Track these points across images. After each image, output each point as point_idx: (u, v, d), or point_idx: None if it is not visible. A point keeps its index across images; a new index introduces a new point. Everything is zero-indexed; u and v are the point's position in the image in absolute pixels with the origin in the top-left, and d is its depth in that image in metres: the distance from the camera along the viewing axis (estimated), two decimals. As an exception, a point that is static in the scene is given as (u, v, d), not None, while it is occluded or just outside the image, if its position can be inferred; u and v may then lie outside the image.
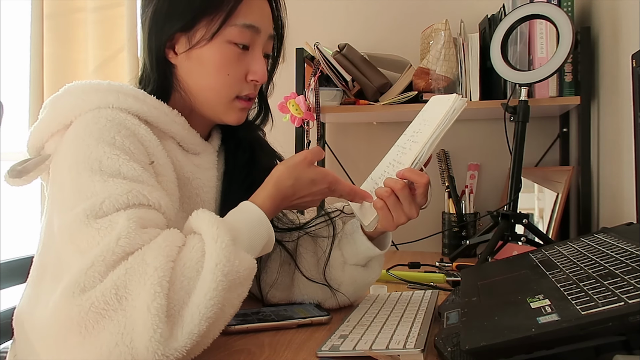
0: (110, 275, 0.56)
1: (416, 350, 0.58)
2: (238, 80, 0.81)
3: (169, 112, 0.79)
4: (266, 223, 0.71)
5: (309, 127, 1.55)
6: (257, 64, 0.81)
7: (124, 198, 0.62)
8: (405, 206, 0.77)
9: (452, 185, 1.57)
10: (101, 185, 0.63)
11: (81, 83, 0.76)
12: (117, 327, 0.54)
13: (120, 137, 0.69)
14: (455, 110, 0.78)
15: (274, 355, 0.64)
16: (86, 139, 0.68)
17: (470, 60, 1.43)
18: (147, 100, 0.76)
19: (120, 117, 0.71)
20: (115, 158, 0.66)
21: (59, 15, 2.03)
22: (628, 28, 1.16)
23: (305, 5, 1.81)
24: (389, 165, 0.85)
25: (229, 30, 0.77)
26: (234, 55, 0.79)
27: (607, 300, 0.47)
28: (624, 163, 1.19)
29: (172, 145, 0.80)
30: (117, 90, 0.74)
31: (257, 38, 0.81)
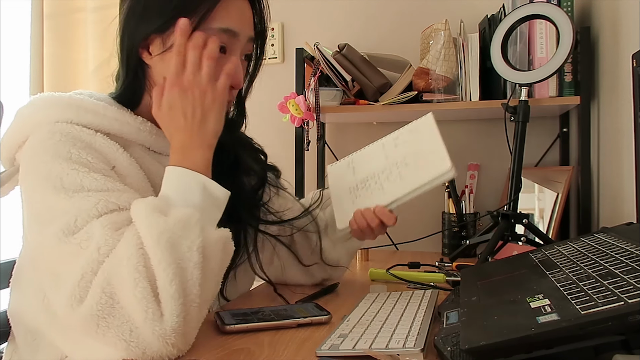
0: (95, 281, 0.59)
1: (416, 349, 0.58)
2: None
3: (132, 121, 0.78)
4: (189, 174, 0.69)
5: (309, 127, 1.55)
6: (232, 67, 0.77)
7: (93, 210, 0.64)
8: (374, 233, 0.93)
9: (452, 185, 1.57)
10: (68, 202, 0.65)
11: (45, 95, 0.78)
12: (119, 321, 0.58)
13: (76, 150, 0.70)
14: (442, 180, 0.89)
15: (274, 354, 0.64)
16: (42, 156, 0.69)
17: (470, 60, 1.43)
18: (107, 113, 0.76)
19: (75, 131, 0.72)
20: (74, 173, 0.67)
21: (59, 15, 2.03)
22: (628, 28, 1.16)
23: (305, 5, 1.82)
24: (375, 182, 0.95)
25: (208, 33, 0.75)
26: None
27: (607, 300, 0.47)
28: (624, 163, 1.19)
29: (140, 152, 0.79)
30: (78, 106, 0.75)
31: (235, 42, 0.79)
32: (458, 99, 1.44)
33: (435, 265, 1.27)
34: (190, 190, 0.69)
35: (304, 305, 0.83)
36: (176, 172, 0.70)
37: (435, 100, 1.45)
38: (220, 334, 0.72)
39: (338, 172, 1.03)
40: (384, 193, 0.92)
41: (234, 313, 0.78)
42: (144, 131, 0.79)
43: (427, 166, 0.90)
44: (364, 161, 1.01)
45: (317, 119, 1.50)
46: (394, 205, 0.90)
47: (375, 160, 0.99)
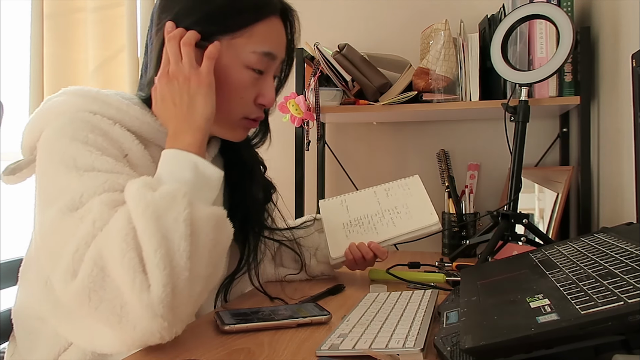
0: (88, 254, 0.60)
1: (416, 349, 0.58)
2: (249, 102, 0.83)
3: (152, 122, 0.81)
4: (180, 154, 0.72)
5: (309, 127, 1.55)
6: (269, 89, 0.84)
7: (99, 189, 0.66)
8: (366, 264, 1.07)
9: (452, 185, 1.57)
10: (77, 181, 0.67)
11: (75, 87, 0.80)
12: (110, 294, 0.60)
13: (93, 136, 0.72)
14: (429, 231, 1.07)
15: (274, 354, 0.64)
16: (61, 138, 0.71)
17: (470, 60, 1.43)
18: (129, 111, 0.79)
19: (95, 120, 0.75)
20: (88, 154, 0.70)
21: (59, 15, 2.02)
22: (628, 28, 1.16)
23: (305, 5, 1.81)
24: (368, 222, 1.12)
25: (249, 56, 0.80)
26: (250, 80, 0.82)
27: (607, 300, 0.47)
28: (624, 163, 1.19)
29: (155, 151, 0.80)
30: (103, 100, 0.78)
31: (272, 64, 0.84)
32: (458, 99, 1.44)
33: (435, 265, 1.27)
34: (180, 169, 0.70)
35: (303, 305, 0.83)
36: (168, 154, 0.73)
37: (435, 100, 1.45)
38: (220, 333, 0.72)
39: (331, 207, 1.18)
40: (377, 233, 1.08)
41: (233, 313, 0.78)
42: (162, 132, 0.81)
43: (417, 217, 1.08)
44: (357, 202, 1.17)
45: (317, 119, 1.50)
46: (385, 244, 1.07)
47: (368, 203, 1.15)
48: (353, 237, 1.09)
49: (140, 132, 0.80)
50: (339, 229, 1.12)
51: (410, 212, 1.09)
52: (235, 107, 0.83)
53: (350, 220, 1.13)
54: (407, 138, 1.75)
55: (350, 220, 1.13)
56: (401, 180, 1.17)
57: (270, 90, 0.84)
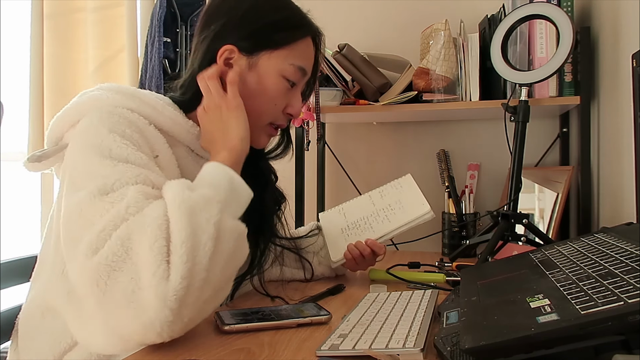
0: (116, 232, 0.61)
1: (416, 349, 0.58)
2: (279, 110, 0.91)
3: (184, 123, 0.86)
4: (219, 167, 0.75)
5: (309, 127, 1.55)
6: (297, 100, 0.92)
7: (133, 180, 0.68)
8: (366, 262, 1.09)
9: (452, 185, 1.57)
10: (111, 169, 0.69)
11: (111, 84, 0.84)
12: (126, 277, 0.60)
13: (130, 131, 0.75)
14: (423, 220, 1.08)
15: (274, 354, 0.64)
16: (99, 127, 0.73)
17: (470, 60, 1.43)
18: (164, 111, 0.83)
19: (132, 117, 0.78)
20: (124, 147, 0.72)
21: (59, 15, 2.03)
22: (628, 28, 1.16)
23: (306, 6, 1.81)
24: (365, 223, 1.15)
25: (287, 67, 0.88)
26: (284, 90, 0.89)
27: (607, 300, 0.47)
28: (624, 163, 1.19)
29: (183, 151, 0.87)
30: (140, 98, 0.81)
31: (302, 79, 0.92)
32: (458, 99, 1.44)
33: (435, 265, 1.27)
34: (218, 179, 0.73)
35: (304, 305, 0.83)
36: (209, 166, 0.76)
37: (435, 100, 1.45)
38: (220, 333, 0.72)
39: (330, 217, 1.22)
40: (373, 231, 1.11)
41: (234, 313, 0.78)
42: (192, 134, 0.87)
43: (409, 209, 1.11)
44: (353, 208, 1.20)
45: (317, 119, 1.50)
46: (382, 239, 1.09)
47: (364, 207, 1.18)
48: (351, 239, 1.11)
49: (172, 132, 0.85)
50: (338, 235, 1.15)
51: (403, 207, 1.12)
52: (266, 113, 0.89)
53: (348, 225, 1.16)
54: (407, 138, 1.75)
55: (348, 225, 1.16)
56: (394, 181, 1.21)
57: (298, 102, 0.92)
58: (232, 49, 0.86)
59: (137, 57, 1.94)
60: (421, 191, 1.14)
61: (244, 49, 0.86)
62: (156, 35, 1.73)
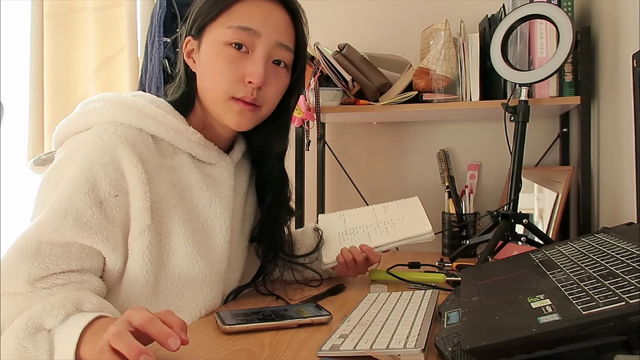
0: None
1: (417, 350, 0.58)
2: (231, 80, 0.84)
3: (185, 131, 0.86)
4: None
5: (309, 127, 1.55)
6: (255, 65, 0.83)
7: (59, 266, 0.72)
8: (358, 269, 1.06)
9: (452, 185, 1.58)
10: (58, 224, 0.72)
11: (113, 94, 0.85)
12: None
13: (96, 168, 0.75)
14: (422, 239, 1.08)
15: (275, 355, 0.64)
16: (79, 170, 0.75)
17: (470, 60, 1.43)
18: (164, 121, 0.84)
19: (133, 136, 0.79)
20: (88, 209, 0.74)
21: (59, 15, 2.02)
22: (628, 28, 1.16)
23: (305, 5, 1.81)
24: (363, 231, 1.13)
25: (224, 32, 0.83)
26: (228, 56, 0.83)
27: (608, 300, 0.47)
28: (624, 163, 1.19)
29: (186, 158, 0.87)
30: (139, 110, 0.82)
31: (257, 41, 0.84)
32: (458, 99, 1.44)
33: (435, 265, 1.27)
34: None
35: (304, 306, 0.83)
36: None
37: (435, 100, 1.45)
38: (220, 334, 0.72)
39: (329, 219, 1.21)
40: (370, 240, 1.09)
41: (234, 313, 0.78)
42: (193, 141, 0.87)
43: (411, 226, 1.10)
44: (354, 216, 1.20)
45: (317, 119, 1.50)
46: (377, 250, 1.07)
47: (365, 217, 1.18)
48: (346, 244, 1.09)
49: (174, 142, 0.85)
50: (334, 238, 1.14)
51: (404, 223, 1.12)
52: (217, 86, 0.84)
53: (346, 230, 1.15)
54: (407, 138, 1.75)
55: (346, 230, 1.15)
56: (401, 200, 1.20)
57: (256, 65, 0.83)
58: (188, 40, 0.89)
59: (137, 57, 1.94)
60: (426, 214, 1.13)
61: (195, 34, 0.88)
62: (156, 35, 1.73)
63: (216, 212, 0.89)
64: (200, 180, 0.87)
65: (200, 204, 0.87)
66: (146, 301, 0.80)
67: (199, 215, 0.87)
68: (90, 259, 0.76)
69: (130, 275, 0.79)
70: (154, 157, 0.82)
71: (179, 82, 0.92)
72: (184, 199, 0.85)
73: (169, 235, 0.82)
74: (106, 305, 0.72)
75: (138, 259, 0.78)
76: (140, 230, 0.78)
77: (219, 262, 0.89)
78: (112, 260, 0.77)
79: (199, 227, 0.86)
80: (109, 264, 0.78)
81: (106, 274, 0.79)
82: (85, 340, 0.61)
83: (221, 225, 0.89)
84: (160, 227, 0.81)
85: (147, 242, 0.78)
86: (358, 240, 1.10)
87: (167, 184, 0.83)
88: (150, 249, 0.79)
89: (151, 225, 0.79)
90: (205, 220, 0.87)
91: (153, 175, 0.80)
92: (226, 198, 0.91)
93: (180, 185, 0.85)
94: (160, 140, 0.84)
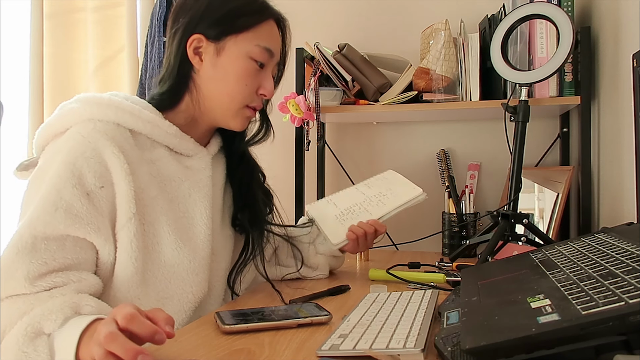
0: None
1: (416, 349, 0.58)
2: (251, 91, 0.95)
3: (161, 124, 0.90)
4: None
5: (309, 127, 1.55)
6: (268, 81, 0.96)
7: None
8: (367, 243, 1.10)
9: (452, 185, 1.57)
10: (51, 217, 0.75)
11: (90, 94, 0.87)
12: None
13: (80, 162, 0.78)
14: (417, 201, 1.13)
15: (274, 354, 0.64)
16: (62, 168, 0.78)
17: (470, 60, 1.43)
18: (141, 115, 0.87)
19: (112, 130, 0.82)
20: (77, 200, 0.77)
21: (59, 15, 2.03)
22: (628, 28, 1.16)
23: (305, 5, 1.81)
24: (359, 208, 1.16)
25: (253, 48, 0.92)
26: (253, 70, 0.93)
27: (608, 300, 0.47)
28: (624, 163, 1.19)
29: (163, 151, 0.91)
30: (116, 106, 0.85)
31: (271, 61, 0.96)
32: (458, 99, 1.44)
33: (435, 265, 1.27)
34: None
35: (304, 306, 0.83)
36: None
37: (435, 100, 1.45)
38: (220, 334, 0.72)
39: (319, 206, 1.23)
40: (370, 214, 1.12)
41: (234, 313, 0.78)
42: (170, 134, 0.91)
43: (403, 193, 1.15)
44: (342, 198, 1.22)
45: (317, 119, 1.50)
46: (382, 220, 1.11)
47: (353, 197, 1.21)
48: (348, 223, 1.11)
49: (151, 135, 0.89)
50: (332, 221, 1.15)
51: (395, 192, 1.16)
52: (239, 94, 0.93)
53: (342, 212, 1.17)
54: (407, 138, 1.75)
55: (342, 212, 1.17)
56: (376, 176, 1.25)
57: (270, 82, 0.96)
58: (200, 38, 0.91)
59: (137, 57, 1.94)
60: (408, 180, 1.18)
61: (211, 36, 0.91)
62: (156, 35, 1.73)
63: (195, 201, 0.93)
64: (178, 172, 0.91)
65: (180, 194, 0.91)
66: (137, 289, 0.82)
67: (180, 204, 0.90)
68: (84, 252, 0.78)
69: (121, 264, 0.81)
70: (133, 150, 0.85)
71: (167, 75, 0.94)
72: (164, 190, 0.89)
73: (153, 224, 0.85)
74: (104, 307, 0.72)
75: (126, 247, 0.81)
76: (127, 219, 0.81)
77: (202, 249, 0.92)
78: (105, 252, 0.80)
79: (181, 216, 0.90)
80: (102, 256, 0.80)
81: (100, 268, 0.81)
82: (84, 343, 0.62)
83: (201, 213, 0.93)
84: (144, 217, 0.84)
85: (133, 230, 0.81)
86: (357, 217, 1.13)
87: (147, 176, 0.86)
88: (138, 236, 0.81)
89: (136, 214, 0.82)
90: (186, 210, 0.91)
91: (134, 167, 0.83)
92: (205, 187, 0.95)
93: (160, 177, 0.89)
94: (138, 135, 0.87)
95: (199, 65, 0.92)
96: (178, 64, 0.92)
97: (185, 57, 0.92)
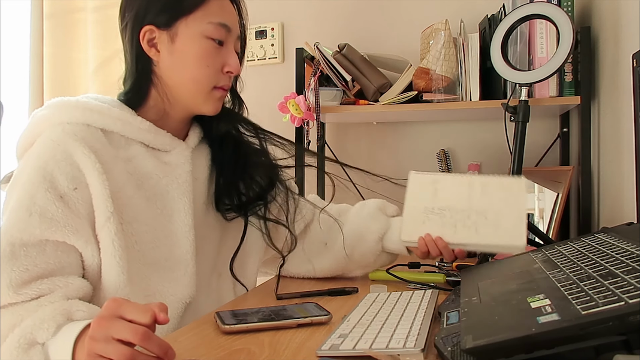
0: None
1: (416, 349, 0.58)
2: (216, 71, 0.90)
3: (133, 121, 0.88)
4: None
5: (309, 127, 1.55)
6: (232, 57, 0.92)
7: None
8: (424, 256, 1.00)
9: (452, 185, 1.57)
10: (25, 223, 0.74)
11: (58, 99, 0.87)
12: None
13: (51, 165, 0.78)
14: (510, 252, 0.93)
15: (274, 354, 0.64)
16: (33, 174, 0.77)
17: (470, 60, 1.43)
18: (111, 114, 0.86)
19: (81, 132, 0.81)
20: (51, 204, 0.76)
21: (59, 15, 2.03)
22: (628, 28, 1.16)
23: (305, 5, 1.81)
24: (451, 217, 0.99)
25: (207, 27, 0.88)
26: (212, 49, 0.89)
27: (608, 300, 0.47)
28: (624, 163, 1.19)
29: (139, 148, 0.88)
30: (84, 107, 0.84)
31: (229, 36, 0.92)
32: (458, 99, 1.44)
33: (435, 265, 1.27)
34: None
35: (304, 305, 0.83)
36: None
37: (435, 100, 1.45)
38: (220, 334, 0.72)
39: (420, 183, 1.05)
40: (454, 233, 0.97)
41: (234, 313, 0.78)
42: (143, 129, 0.88)
43: (503, 232, 0.95)
44: (447, 189, 1.03)
45: (317, 119, 1.50)
46: (456, 247, 0.98)
47: (459, 195, 1.01)
48: (429, 226, 0.99)
49: (123, 132, 0.87)
50: (418, 212, 1.01)
51: (498, 225, 0.96)
52: (203, 77, 0.89)
53: (434, 208, 1.01)
54: (407, 138, 1.75)
55: (434, 208, 1.01)
56: (504, 179, 1.03)
57: (234, 58, 0.92)
58: (151, 29, 0.87)
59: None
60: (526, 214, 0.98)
61: (161, 24, 0.87)
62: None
63: (174, 198, 0.90)
64: (156, 168, 0.89)
65: (158, 191, 0.89)
66: (125, 288, 0.81)
67: (157, 202, 0.89)
68: (67, 256, 0.77)
69: (106, 265, 0.80)
70: (107, 149, 0.83)
71: (128, 73, 0.91)
72: (142, 187, 0.87)
73: (131, 224, 0.84)
74: (96, 310, 0.72)
75: (109, 247, 0.80)
76: (105, 218, 0.80)
77: (181, 246, 0.90)
78: (88, 253, 0.79)
79: (158, 214, 0.88)
80: (86, 258, 0.80)
81: (87, 271, 0.81)
82: (79, 349, 0.62)
83: (180, 210, 0.91)
84: (121, 217, 0.83)
85: (114, 230, 0.80)
86: (442, 226, 0.98)
87: (123, 174, 0.85)
88: (119, 235, 0.80)
89: (114, 213, 0.81)
90: (164, 207, 0.89)
91: (108, 166, 0.82)
92: (184, 183, 0.92)
93: (137, 174, 0.87)
94: (111, 133, 0.86)
95: (157, 57, 0.89)
96: (135, 59, 0.89)
97: (141, 52, 0.88)
